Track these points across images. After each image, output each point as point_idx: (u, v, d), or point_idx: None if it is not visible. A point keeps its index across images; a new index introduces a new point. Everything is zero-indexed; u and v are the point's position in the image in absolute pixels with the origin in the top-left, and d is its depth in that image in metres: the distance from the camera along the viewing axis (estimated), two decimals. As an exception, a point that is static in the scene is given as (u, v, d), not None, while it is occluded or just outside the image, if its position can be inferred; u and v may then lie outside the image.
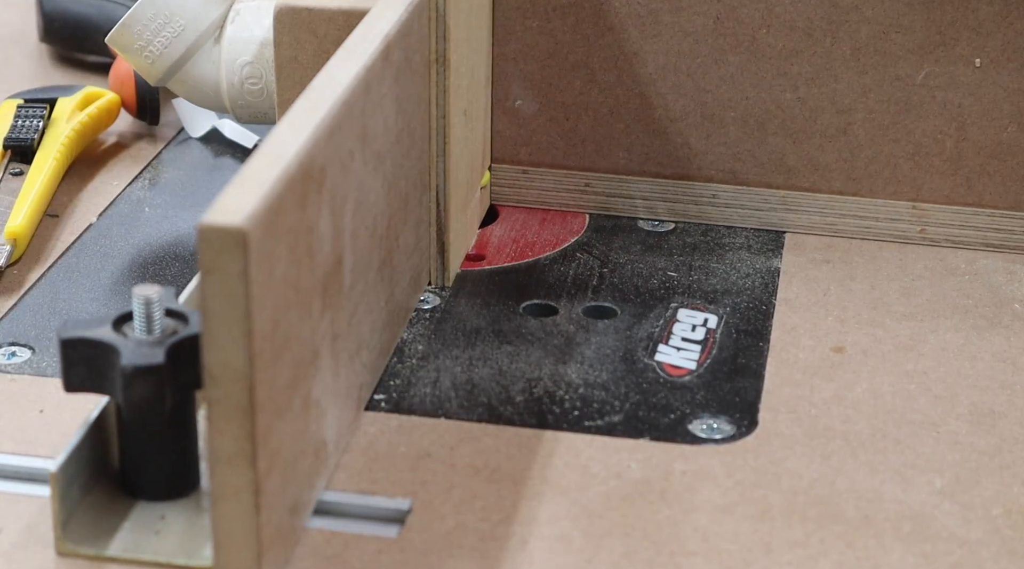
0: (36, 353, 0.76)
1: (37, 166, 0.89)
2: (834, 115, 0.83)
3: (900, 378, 0.74)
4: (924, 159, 0.83)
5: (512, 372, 0.74)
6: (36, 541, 0.64)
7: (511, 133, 0.85)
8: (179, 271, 0.83)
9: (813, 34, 0.82)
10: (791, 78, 0.83)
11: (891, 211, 0.85)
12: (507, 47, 0.84)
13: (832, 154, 0.84)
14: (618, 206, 0.86)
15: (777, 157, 0.84)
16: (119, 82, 0.96)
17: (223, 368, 0.57)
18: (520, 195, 0.87)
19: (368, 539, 0.64)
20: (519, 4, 0.83)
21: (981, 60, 0.81)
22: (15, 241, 0.82)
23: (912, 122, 0.83)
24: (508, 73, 0.84)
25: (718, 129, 0.84)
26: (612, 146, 0.85)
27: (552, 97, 0.85)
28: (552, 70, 0.84)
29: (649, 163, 0.85)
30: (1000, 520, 0.65)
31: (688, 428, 0.71)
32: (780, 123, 0.84)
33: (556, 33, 0.83)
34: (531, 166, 0.86)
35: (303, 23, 0.77)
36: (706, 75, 0.83)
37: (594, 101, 0.84)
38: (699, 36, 0.82)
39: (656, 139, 0.85)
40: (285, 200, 0.59)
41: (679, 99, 0.84)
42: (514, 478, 0.67)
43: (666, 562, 0.63)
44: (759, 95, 0.83)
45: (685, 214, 0.86)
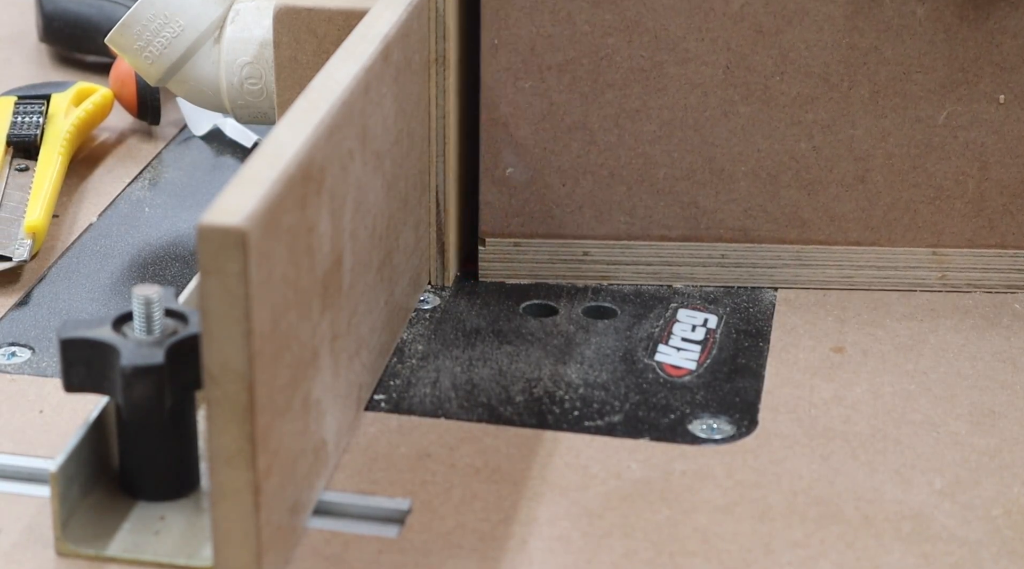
0: (36, 353, 0.76)
1: (44, 161, 0.89)
2: (851, 163, 0.79)
3: (900, 378, 0.74)
4: (945, 202, 0.79)
5: (512, 372, 0.74)
6: (36, 541, 0.64)
7: (501, 204, 0.79)
8: (179, 271, 0.83)
9: (829, 79, 0.77)
10: (806, 126, 0.78)
11: (910, 259, 0.81)
12: (497, 111, 0.77)
13: (849, 204, 0.79)
14: (620, 275, 0.81)
15: (791, 210, 0.79)
16: (119, 82, 0.96)
17: (223, 368, 0.57)
18: (512, 269, 0.80)
19: (368, 539, 0.64)
20: (509, 65, 0.76)
21: (1005, 96, 0.78)
22: (34, 235, 0.83)
23: (933, 165, 0.79)
24: (498, 139, 0.78)
25: (727, 185, 0.79)
26: (613, 211, 0.79)
27: (546, 162, 0.78)
28: (546, 133, 0.78)
29: (653, 226, 0.79)
30: (1000, 520, 0.65)
31: (688, 428, 0.71)
32: (794, 174, 0.79)
33: (551, 94, 0.77)
34: (523, 238, 0.80)
35: (303, 23, 0.77)
36: (715, 129, 0.78)
37: (593, 164, 0.78)
38: (707, 88, 0.77)
39: (661, 200, 0.79)
40: (285, 200, 0.59)
41: (686, 156, 0.78)
42: (514, 478, 0.67)
43: (666, 562, 0.63)
44: (772, 147, 0.78)
45: (692, 277, 0.80)
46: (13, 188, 0.87)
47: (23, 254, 0.81)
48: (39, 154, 0.90)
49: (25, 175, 0.88)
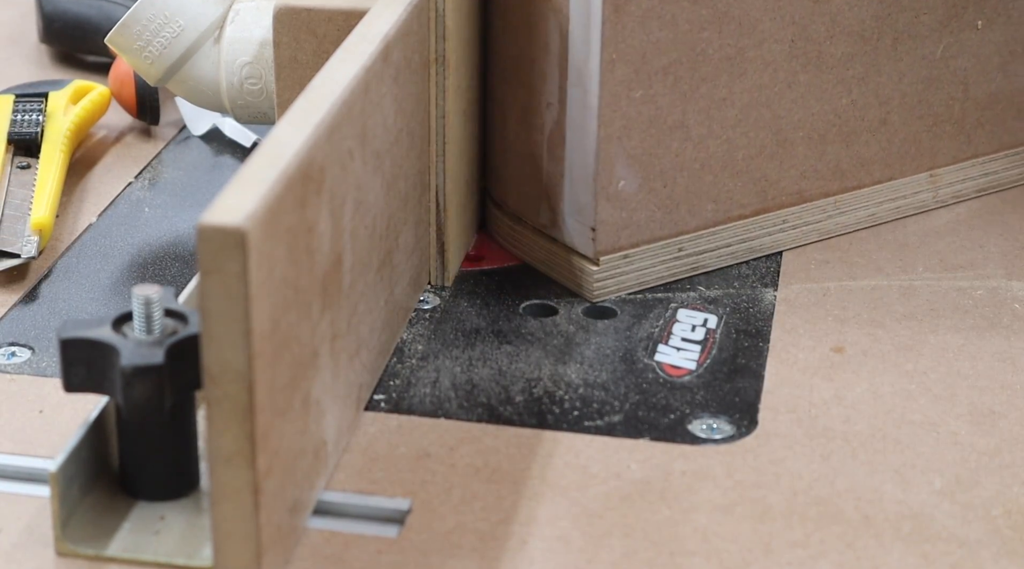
0: (36, 353, 0.76)
1: (46, 159, 0.89)
2: (877, 108, 0.83)
3: (900, 378, 0.74)
4: (939, 127, 0.86)
5: (512, 372, 0.74)
6: (36, 541, 0.64)
7: (614, 220, 0.78)
8: (179, 271, 0.83)
9: (864, 34, 0.81)
10: (846, 83, 0.82)
11: (914, 185, 0.86)
12: (612, 127, 0.76)
13: (874, 147, 0.84)
14: (707, 262, 0.82)
15: (833, 164, 0.83)
16: (119, 82, 0.96)
17: (223, 368, 0.57)
18: (621, 283, 0.80)
19: (368, 539, 0.64)
20: (624, 78, 0.75)
21: (982, 22, 0.84)
22: (41, 232, 0.83)
23: (932, 95, 0.85)
24: (612, 154, 0.77)
25: (789, 153, 0.82)
26: (702, 201, 0.80)
27: (651, 167, 0.78)
28: (652, 138, 0.77)
29: (733, 207, 0.81)
30: (1000, 520, 0.65)
31: (688, 428, 0.71)
32: (837, 130, 0.83)
33: (657, 98, 0.77)
34: (631, 248, 0.79)
35: (303, 23, 0.77)
36: (781, 101, 0.80)
37: (688, 159, 0.79)
38: (777, 64, 0.79)
39: (739, 181, 0.81)
40: (284, 200, 0.59)
41: (759, 133, 0.80)
42: (514, 478, 0.67)
43: (666, 562, 0.63)
44: (822, 108, 0.82)
45: (761, 248, 0.83)
46: (16, 186, 0.87)
47: (31, 251, 0.82)
48: (40, 152, 0.90)
49: (27, 173, 0.89)
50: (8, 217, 0.84)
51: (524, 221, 0.82)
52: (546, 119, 0.78)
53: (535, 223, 0.81)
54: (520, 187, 0.81)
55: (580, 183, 0.78)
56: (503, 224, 0.83)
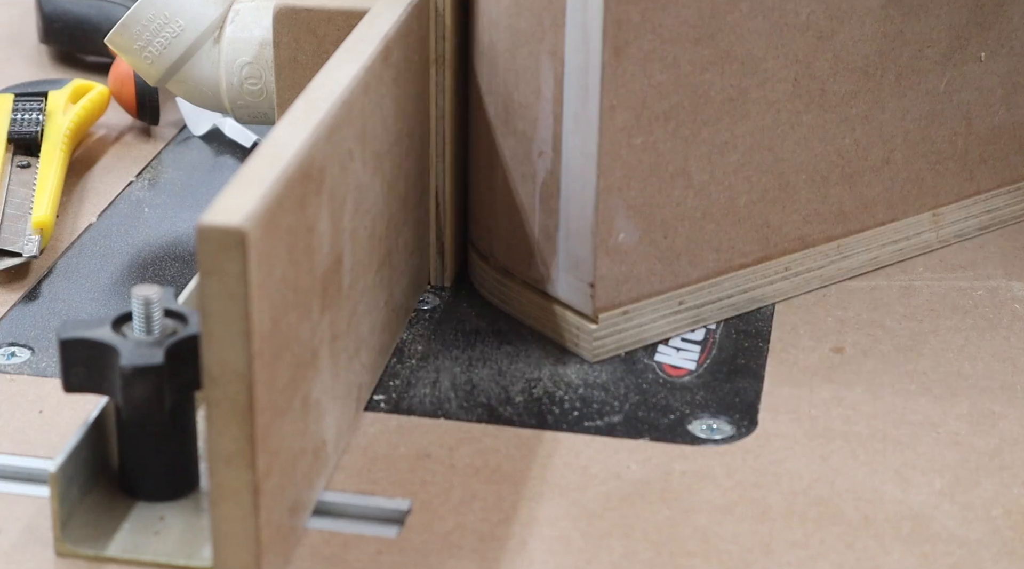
0: (36, 353, 0.76)
1: (46, 158, 0.89)
2: (880, 147, 0.80)
3: (900, 378, 0.74)
4: (942, 165, 0.82)
5: (512, 372, 0.74)
6: (35, 541, 0.64)
7: (613, 275, 0.73)
8: (179, 271, 0.83)
9: (868, 70, 0.78)
10: (849, 122, 0.78)
11: (917, 225, 0.83)
12: (612, 177, 0.71)
13: (877, 187, 0.80)
14: (706, 316, 0.77)
15: (836, 207, 0.80)
16: (119, 82, 0.96)
17: (223, 368, 0.57)
18: (620, 342, 0.75)
19: (368, 539, 0.64)
20: (624, 124, 0.71)
21: (985, 54, 0.81)
22: (42, 231, 0.83)
23: (935, 131, 0.81)
24: (612, 205, 0.72)
25: (791, 197, 0.78)
26: (703, 251, 0.76)
27: (652, 218, 0.73)
28: (652, 187, 0.73)
29: (735, 256, 0.77)
30: (1000, 520, 0.65)
31: (688, 428, 0.71)
32: (840, 171, 0.79)
33: (658, 145, 0.72)
34: (631, 303, 0.75)
35: (303, 23, 0.77)
36: (784, 143, 0.76)
37: (689, 208, 0.74)
38: (780, 104, 0.75)
39: (741, 228, 0.77)
40: (284, 200, 0.59)
41: (761, 178, 0.76)
42: (514, 478, 0.67)
43: (666, 562, 0.63)
44: (824, 148, 0.78)
45: (763, 298, 0.79)
46: (16, 185, 0.87)
47: (32, 250, 0.82)
48: (40, 151, 0.90)
49: (27, 172, 0.89)
50: (9, 216, 0.84)
51: (513, 275, 0.77)
52: (538, 168, 0.74)
53: (525, 277, 0.77)
54: (509, 239, 0.77)
55: (577, 236, 0.73)
56: (489, 277, 0.79)
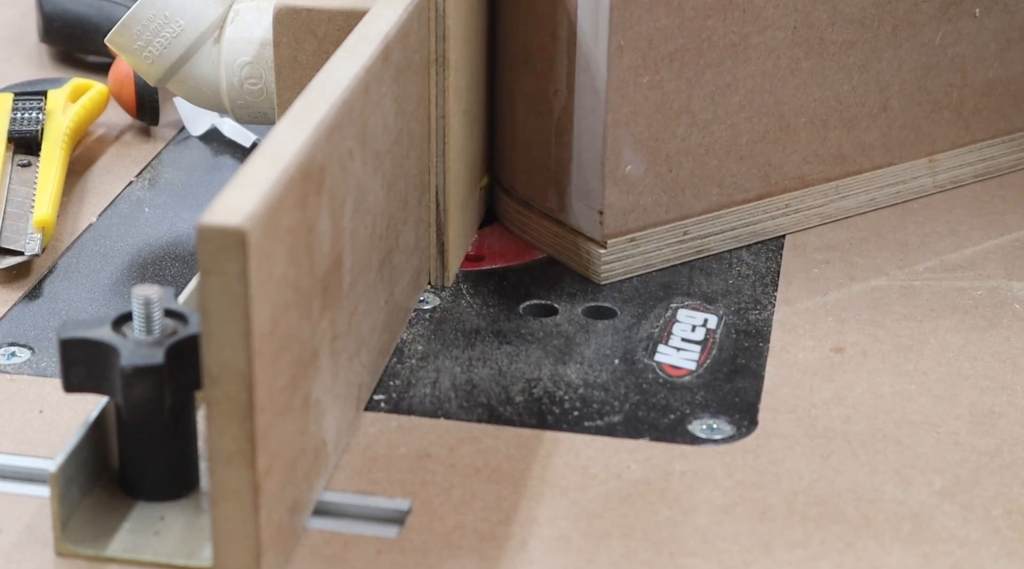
0: (36, 353, 0.76)
1: (47, 157, 0.90)
2: (877, 95, 0.85)
3: (900, 378, 0.74)
4: (938, 114, 0.87)
5: (512, 372, 0.74)
6: (36, 541, 0.64)
7: (621, 204, 0.80)
8: (179, 271, 0.83)
9: (865, 21, 0.83)
10: (847, 70, 0.83)
11: (913, 170, 0.88)
12: (620, 112, 0.78)
13: (874, 132, 0.86)
14: (711, 245, 0.83)
15: (835, 149, 0.85)
16: (119, 82, 0.96)
17: (223, 368, 0.57)
18: (627, 266, 0.81)
19: (368, 539, 0.64)
20: (632, 63, 0.77)
21: (980, 10, 0.85)
22: (43, 229, 0.83)
23: (931, 82, 0.86)
24: (620, 139, 0.78)
25: (792, 138, 0.83)
26: (707, 185, 0.82)
27: (657, 152, 0.80)
28: (658, 123, 0.79)
29: (737, 192, 0.83)
30: (1000, 520, 0.65)
31: (688, 428, 0.71)
32: (839, 116, 0.84)
33: (663, 84, 0.78)
34: (638, 232, 0.81)
35: (303, 23, 0.77)
36: (784, 87, 0.82)
37: (693, 144, 0.80)
38: (780, 51, 0.81)
39: (743, 166, 0.82)
40: (284, 200, 0.59)
41: (762, 119, 0.82)
42: (514, 478, 0.67)
43: (666, 562, 0.63)
44: (824, 94, 0.83)
45: (764, 232, 0.85)
46: (17, 183, 0.88)
47: (34, 248, 0.82)
48: (41, 150, 0.90)
49: (28, 170, 0.89)
50: (10, 215, 0.85)
51: (532, 206, 0.83)
52: (554, 105, 0.80)
53: (543, 208, 0.83)
54: (528, 173, 0.83)
55: (588, 167, 0.79)
56: (512, 209, 0.85)
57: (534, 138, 0.82)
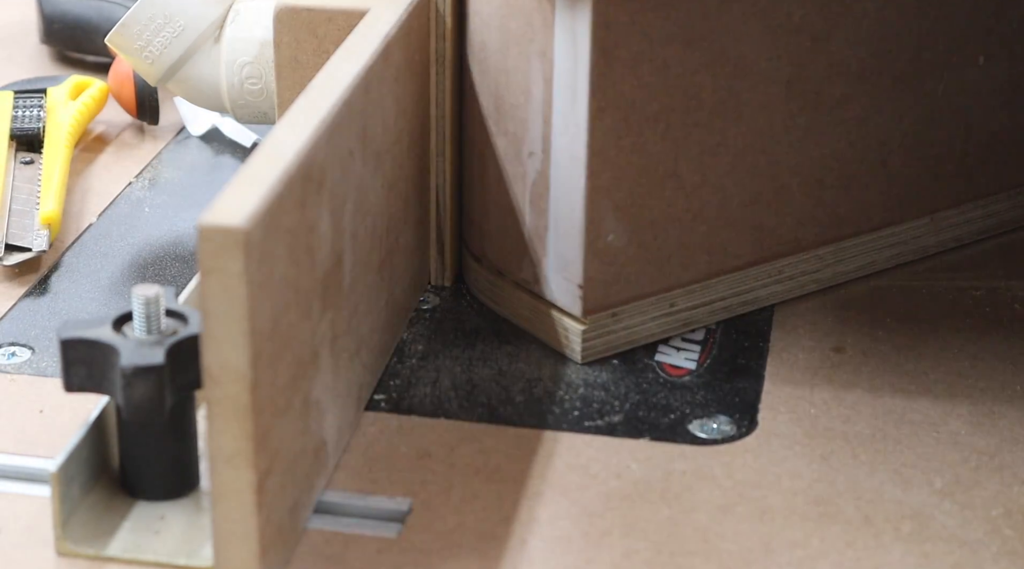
0: (36, 353, 0.76)
1: (50, 154, 0.90)
2: (876, 150, 0.79)
3: (900, 378, 0.74)
4: (940, 168, 0.81)
5: (512, 372, 0.74)
6: (36, 541, 0.64)
7: (602, 276, 0.73)
8: (179, 271, 0.83)
9: (863, 74, 0.76)
10: (845, 125, 0.77)
11: (915, 230, 0.82)
12: (601, 178, 0.71)
13: (874, 190, 0.80)
14: (699, 318, 0.77)
15: (831, 210, 0.78)
16: (119, 82, 0.96)
17: (223, 368, 0.57)
18: (609, 343, 0.75)
19: (368, 539, 0.64)
20: (613, 125, 0.70)
21: (983, 58, 0.80)
22: (50, 226, 0.84)
23: (932, 134, 0.80)
24: (600, 206, 0.71)
25: (786, 200, 0.77)
26: (695, 253, 0.75)
27: (641, 219, 0.73)
28: (642, 189, 0.72)
29: (727, 259, 0.76)
30: (1000, 520, 0.65)
31: (688, 428, 0.71)
32: (836, 174, 0.78)
33: (647, 146, 0.71)
34: (620, 305, 0.74)
35: (303, 23, 0.77)
36: (778, 146, 0.75)
37: (680, 210, 0.73)
38: (773, 106, 0.74)
39: (733, 231, 0.76)
40: (285, 200, 0.59)
41: (754, 180, 0.75)
42: (514, 478, 0.67)
43: (666, 562, 0.63)
44: (820, 152, 0.77)
45: (756, 301, 0.78)
46: (21, 181, 0.88)
47: (42, 244, 0.82)
48: (44, 147, 0.91)
49: (31, 168, 0.89)
50: (16, 212, 0.85)
51: (505, 276, 0.77)
52: (528, 169, 0.74)
53: (517, 278, 0.76)
54: (501, 240, 0.76)
55: (566, 237, 0.73)
56: (481, 278, 0.79)
57: (507, 203, 0.75)
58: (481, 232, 0.78)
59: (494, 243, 0.77)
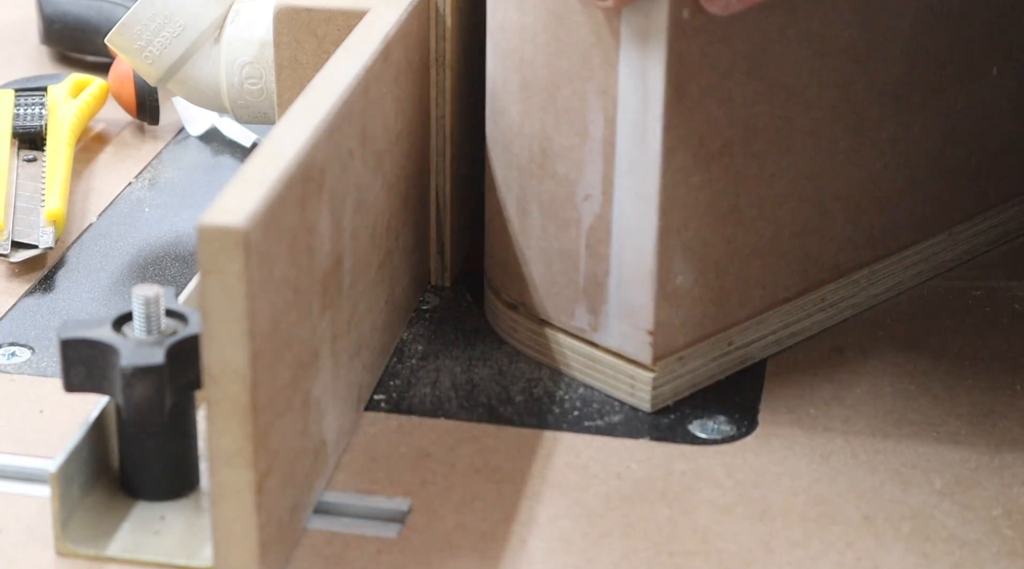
0: (36, 353, 0.76)
1: (53, 151, 0.90)
2: (906, 167, 0.77)
3: (900, 378, 0.74)
4: (956, 182, 0.80)
5: (512, 372, 0.74)
6: (36, 541, 0.64)
7: (670, 320, 0.70)
8: (179, 271, 0.83)
9: (897, 93, 0.75)
10: (880, 145, 0.75)
11: (935, 246, 0.81)
12: (671, 219, 0.68)
13: (903, 210, 0.78)
14: (753, 354, 0.74)
15: (867, 233, 0.77)
16: (119, 82, 0.96)
17: (223, 368, 0.57)
18: (675, 388, 0.72)
19: (368, 539, 0.64)
20: (683, 163, 0.68)
21: (996, 67, 0.79)
22: (55, 223, 0.84)
23: (951, 149, 0.79)
24: (671, 248, 0.69)
25: (829, 226, 0.75)
26: (751, 288, 0.73)
27: (706, 258, 0.71)
28: (708, 226, 0.70)
29: (779, 291, 0.74)
30: (1000, 520, 0.65)
31: (688, 428, 0.71)
32: (872, 196, 0.76)
33: (713, 182, 0.69)
34: (686, 348, 0.72)
35: (303, 23, 0.77)
36: (823, 171, 0.74)
37: (739, 245, 0.71)
38: (821, 132, 0.73)
39: (783, 262, 0.74)
40: (285, 200, 0.59)
41: (803, 208, 0.73)
42: (514, 478, 0.67)
43: (666, 562, 0.63)
44: (859, 174, 0.75)
45: (802, 332, 0.76)
46: (24, 178, 0.88)
47: (48, 241, 0.82)
48: (46, 144, 0.91)
49: (34, 165, 0.90)
50: (21, 209, 0.85)
51: (551, 325, 0.74)
52: (583, 212, 0.70)
53: (567, 327, 0.73)
54: (547, 289, 0.73)
55: (632, 283, 0.70)
56: (521, 327, 0.75)
57: (555, 249, 0.72)
58: (521, 280, 0.74)
59: (538, 291, 0.74)
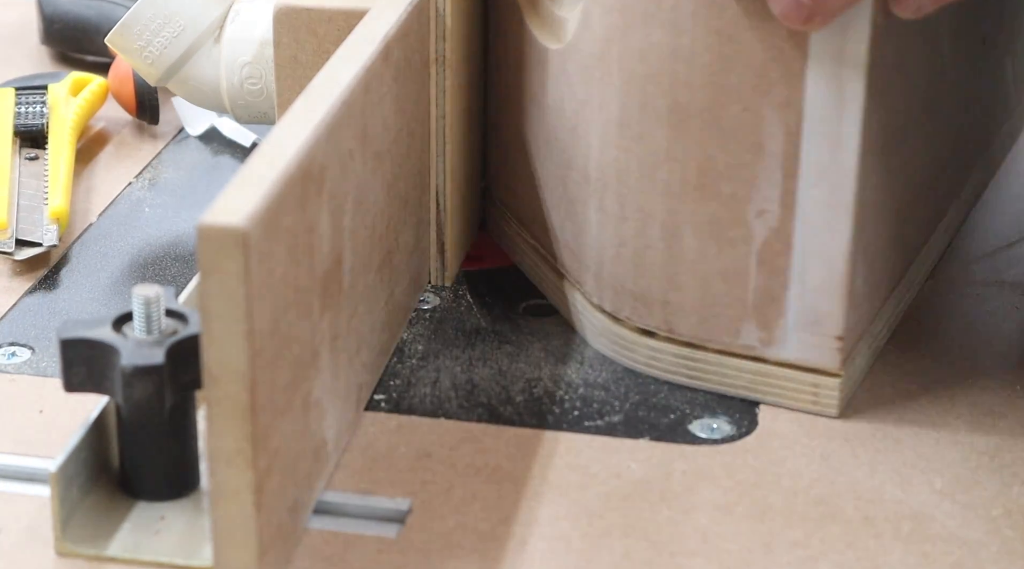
0: (36, 353, 0.76)
1: (55, 149, 0.90)
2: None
3: (900, 378, 0.74)
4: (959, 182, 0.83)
5: (512, 372, 0.74)
6: (36, 541, 0.64)
7: (853, 323, 0.71)
8: (179, 271, 0.83)
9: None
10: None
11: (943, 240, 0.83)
12: (862, 224, 0.69)
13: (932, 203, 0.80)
14: (880, 344, 0.76)
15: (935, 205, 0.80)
16: (118, 82, 0.96)
17: (223, 368, 0.57)
18: (851, 388, 0.73)
19: (368, 539, 0.64)
20: (873, 167, 0.69)
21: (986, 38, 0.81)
22: (59, 220, 0.84)
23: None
24: (858, 252, 0.70)
25: (921, 205, 0.77)
26: (882, 280, 0.74)
27: (872, 255, 0.71)
28: (879, 225, 0.71)
29: (895, 276, 0.76)
30: (1000, 520, 0.65)
31: (688, 428, 0.71)
32: (932, 170, 0.78)
33: (888, 184, 0.71)
34: (855, 348, 0.72)
35: (303, 23, 0.77)
36: (918, 155, 0.75)
37: (885, 240, 0.73)
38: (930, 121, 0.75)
39: (894, 252, 0.75)
40: (285, 200, 0.59)
41: (907, 193, 0.75)
42: (514, 478, 0.67)
43: (666, 562, 0.63)
44: (931, 156, 0.77)
45: (897, 316, 0.78)
46: (27, 176, 0.88)
47: (52, 239, 0.83)
48: (48, 143, 0.91)
49: (36, 164, 0.90)
50: (24, 207, 0.85)
51: (704, 347, 0.72)
52: (755, 229, 0.69)
53: (729, 347, 0.72)
54: (704, 311, 0.71)
55: (818, 291, 0.69)
56: (666, 355, 0.73)
57: (716, 270, 0.70)
58: (666, 307, 0.72)
59: (691, 315, 0.72)
